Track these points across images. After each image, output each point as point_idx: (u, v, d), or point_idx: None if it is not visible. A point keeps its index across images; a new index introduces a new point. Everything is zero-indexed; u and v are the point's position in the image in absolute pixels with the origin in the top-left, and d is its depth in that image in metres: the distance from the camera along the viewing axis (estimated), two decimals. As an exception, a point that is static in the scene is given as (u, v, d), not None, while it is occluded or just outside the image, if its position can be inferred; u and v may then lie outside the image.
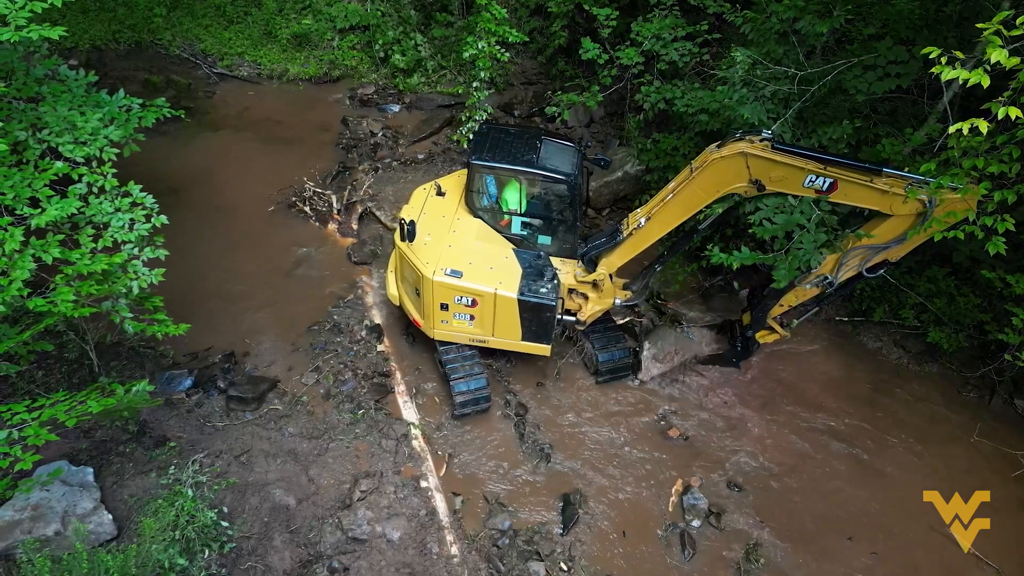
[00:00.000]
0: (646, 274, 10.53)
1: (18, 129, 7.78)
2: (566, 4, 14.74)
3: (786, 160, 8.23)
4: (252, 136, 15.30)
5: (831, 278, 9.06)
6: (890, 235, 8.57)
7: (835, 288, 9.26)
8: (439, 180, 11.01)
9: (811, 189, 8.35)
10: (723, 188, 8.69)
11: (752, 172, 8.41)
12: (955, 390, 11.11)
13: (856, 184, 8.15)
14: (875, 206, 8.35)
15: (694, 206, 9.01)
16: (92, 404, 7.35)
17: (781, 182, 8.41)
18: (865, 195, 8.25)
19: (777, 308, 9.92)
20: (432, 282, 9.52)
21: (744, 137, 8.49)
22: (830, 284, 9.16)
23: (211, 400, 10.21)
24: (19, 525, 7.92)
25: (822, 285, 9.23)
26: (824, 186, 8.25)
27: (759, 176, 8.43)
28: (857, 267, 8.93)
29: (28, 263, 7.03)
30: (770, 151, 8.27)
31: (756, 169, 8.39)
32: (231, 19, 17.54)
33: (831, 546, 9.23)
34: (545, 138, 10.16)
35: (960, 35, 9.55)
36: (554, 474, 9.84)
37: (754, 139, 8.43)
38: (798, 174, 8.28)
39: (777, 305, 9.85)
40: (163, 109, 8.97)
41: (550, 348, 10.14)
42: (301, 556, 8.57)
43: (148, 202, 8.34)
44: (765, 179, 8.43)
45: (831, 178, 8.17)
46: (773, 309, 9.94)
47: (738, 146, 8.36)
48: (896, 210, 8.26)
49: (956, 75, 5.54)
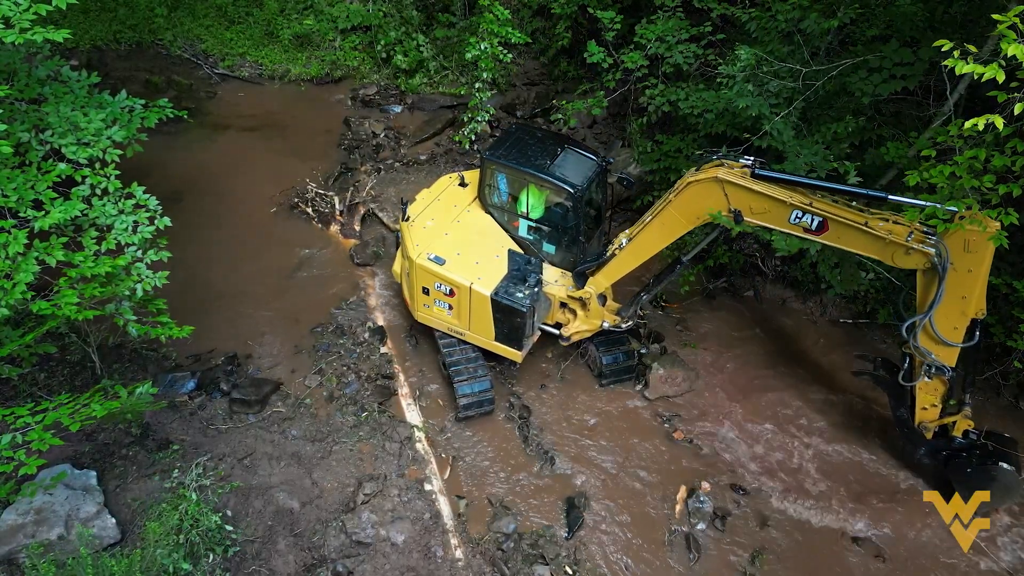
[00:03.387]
0: (635, 301, 10.34)
1: (21, 131, 7.75)
2: (569, 5, 14.72)
3: (764, 190, 7.26)
4: (254, 137, 15.26)
5: (933, 363, 7.91)
6: (926, 298, 7.50)
7: (955, 370, 8.11)
8: (466, 172, 11.09)
9: (798, 227, 7.40)
10: (702, 215, 7.93)
11: (731, 201, 7.48)
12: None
13: (849, 227, 7.16)
14: (874, 255, 7.44)
15: (673, 232, 8.41)
16: (96, 407, 7.32)
17: (764, 215, 7.49)
18: (860, 240, 7.30)
19: (922, 412, 8.70)
20: (416, 264, 9.67)
21: (723, 160, 7.69)
22: (940, 369, 7.96)
23: (214, 402, 10.18)
24: (23, 529, 7.89)
25: (938, 375, 8.11)
26: (813, 225, 7.28)
27: (738, 206, 7.52)
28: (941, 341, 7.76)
29: (32, 266, 7.01)
30: (748, 179, 7.35)
31: (735, 198, 7.47)
32: (232, 19, 17.49)
33: (836, 549, 9.19)
34: (568, 147, 10.02)
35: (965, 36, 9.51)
36: (558, 477, 9.81)
37: (733, 164, 7.59)
38: (783, 208, 7.35)
39: (920, 409, 8.69)
40: (166, 110, 8.93)
41: (522, 355, 10.06)
42: (305, 560, 8.54)
43: (151, 204, 8.32)
44: (745, 210, 7.52)
45: (819, 216, 7.24)
46: (919, 415, 8.73)
47: (713, 171, 7.56)
48: (899, 262, 7.29)
49: (970, 69, 5.36)
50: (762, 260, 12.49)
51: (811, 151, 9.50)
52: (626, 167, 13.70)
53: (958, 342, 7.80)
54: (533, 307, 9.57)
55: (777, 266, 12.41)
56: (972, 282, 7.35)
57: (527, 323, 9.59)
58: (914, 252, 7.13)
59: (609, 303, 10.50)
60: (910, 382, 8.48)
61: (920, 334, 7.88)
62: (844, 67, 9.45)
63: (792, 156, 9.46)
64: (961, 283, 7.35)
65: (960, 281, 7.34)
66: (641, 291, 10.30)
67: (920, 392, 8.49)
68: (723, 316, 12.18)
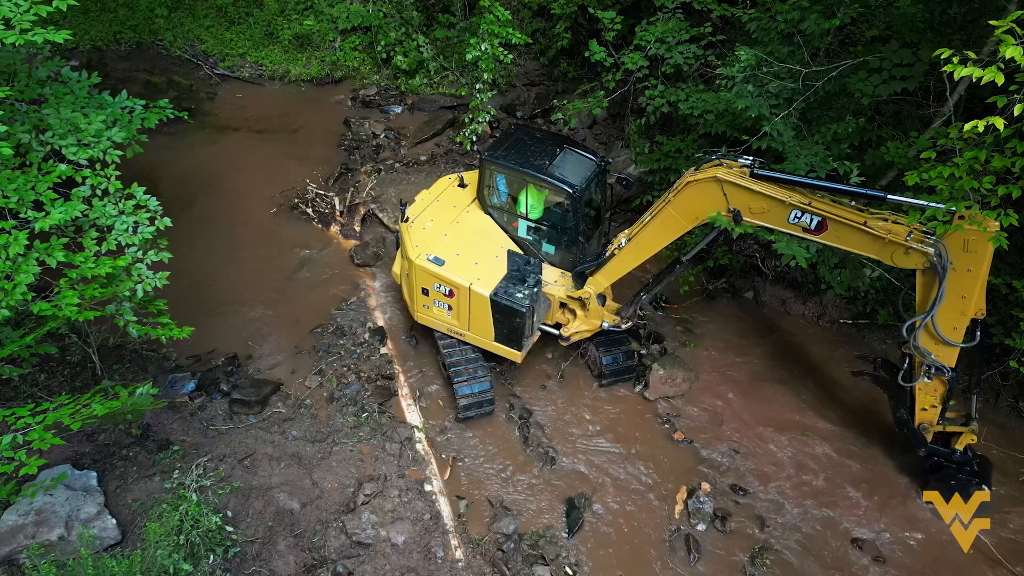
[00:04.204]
0: (634, 301, 10.34)
1: (21, 131, 7.73)
2: (569, 6, 14.73)
3: (763, 190, 7.34)
4: (254, 137, 15.27)
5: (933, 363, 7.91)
6: (926, 298, 7.48)
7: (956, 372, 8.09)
8: (465, 173, 11.09)
9: (797, 227, 7.46)
10: (701, 215, 7.97)
11: (730, 201, 7.54)
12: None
13: (848, 226, 7.22)
14: (873, 254, 7.43)
15: (673, 232, 8.44)
16: (96, 407, 7.33)
17: (763, 215, 7.54)
18: (859, 240, 7.30)
19: (922, 414, 8.66)
20: (415, 265, 9.68)
21: (722, 160, 7.73)
22: (940, 370, 7.95)
23: (214, 403, 10.18)
24: (23, 530, 7.90)
25: (938, 375, 8.09)
26: (812, 224, 7.34)
27: (737, 206, 7.56)
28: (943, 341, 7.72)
29: (32, 267, 7.01)
30: (747, 179, 7.41)
31: (734, 198, 7.53)
32: (233, 20, 17.49)
33: (836, 550, 9.19)
34: (568, 148, 10.01)
35: (965, 37, 9.52)
36: (559, 477, 9.81)
37: (732, 164, 7.64)
38: (782, 208, 7.41)
39: (920, 410, 8.64)
40: (166, 110, 8.93)
41: (521, 355, 10.06)
42: (305, 561, 8.54)
43: (152, 204, 8.31)
44: (744, 210, 7.57)
45: (818, 216, 7.31)
46: (919, 416, 8.67)
47: (712, 171, 7.61)
48: (898, 262, 7.30)
49: (969, 72, 5.39)
50: (762, 261, 12.50)
51: (811, 152, 9.50)
52: (626, 167, 13.70)
53: (958, 342, 7.80)
54: (532, 307, 9.57)
55: (777, 267, 12.42)
56: (972, 282, 7.35)
57: (527, 323, 9.59)
58: (913, 252, 7.14)
59: (609, 303, 10.50)
60: (910, 383, 8.48)
61: (920, 334, 7.89)
62: (844, 68, 9.46)
63: (792, 157, 9.46)
64: (961, 283, 7.36)
65: (960, 281, 7.35)
66: (641, 291, 10.30)
67: (920, 393, 8.49)
68: (723, 317, 12.19)
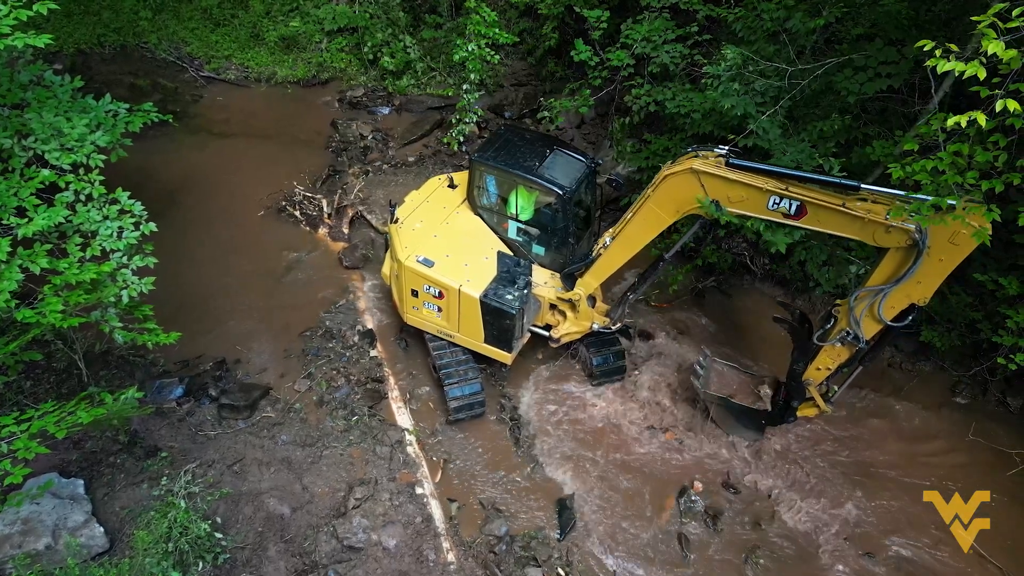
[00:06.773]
0: (622, 301, 10.32)
1: (3, 136, 7.63)
2: (556, 6, 14.71)
3: (740, 178, 7.42)
4: (240, 139, 15.16)
5: (853, 332, 8.03)
6: (885, 275, 7.53)
7: (868, 345, 8.21)
8: (454, 174, 11.07)
9: (777, 212, 7.51)
10: (682, 208, 8.01)
11: (708, 191, 7.63)
12: (948, 389, 11.16)
13: (827, 208, 7.25)
14: (854, 235, 7.41)
15: (655, 227, 8.48)
16: (82, 414, 7.26)
17: (742, 203, 7.61)
18: (839, 221, 7.30)
19: (814, 371, 8.81)
20: (404, 266, 9.66)
21: (698, 152, 7.81)
22: (856, 339, 8.10)
23: (203, 408, 10.10)
24: (9, 540, 7.81)
25: (849, 342, 8.22)
26: (792, 209, 7.37)
27: (716, 196, 7.65)
28: (877, 317, 7.81)
29: (15, 274, 6.91)
30: (723, 168, 7.48)
31: (712, 188, 7.61)
32: (218, 21, 17.38)
33: (831, 550, 9.22)
34: (558, 149, 9.96)
35: (949, 34, 9.57)
36: (550, 478, 9.80)
37: (708, 155, 7.73)
38: (760, 195, 7.46)
39: (814, 368, 8.77)
40: (151, 114, 8.83)
41: (511, 356, 10.05)
42: (296, 566, 8.49)
43: (136, 209, 8.22)
44: (723, 199, 7.65)
45: (796, 200, 7.32)
46: (810, 371, 8.83)
47: (689, 162, 7.68)
48: (880, 240, 7.30)
49: (952, 67, 5.37)
50: (751, 259, 12.54)
51: (797, 149, 9.54)
52: (615, 168, 13.71)
53: (887, 320, 7.85)
54: (522, 309, 9.55)
55: (766, 264, 12.46)
56: (937, 271, 7.34)
57: (517, 325, 9.57)
58: (894, 230, 7.16)
59: (599, 304, 10.50)
60: (823, 342, 8.54)
61: (858, 304, 7.93)
62: (830, 66, 9.50)
63: (779, 154, 9.51)
64: (925, 269, 7.33)
65: (925, 266, 7.31)
66: (628, 291, 10.30)
67: (823, 353, 8.58)
68: (713, 315, 12.21)
